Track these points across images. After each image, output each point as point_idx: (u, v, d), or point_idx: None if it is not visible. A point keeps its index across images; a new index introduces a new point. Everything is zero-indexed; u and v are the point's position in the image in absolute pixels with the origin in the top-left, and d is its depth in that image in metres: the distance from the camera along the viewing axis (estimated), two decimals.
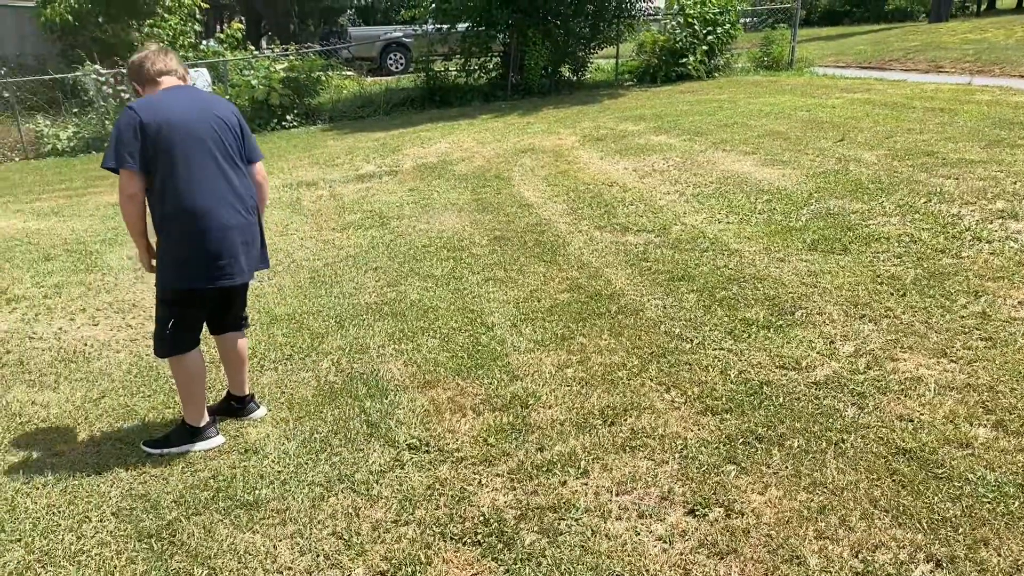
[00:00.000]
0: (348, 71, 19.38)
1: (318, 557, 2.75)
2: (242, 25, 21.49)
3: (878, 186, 6.54)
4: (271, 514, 3.00)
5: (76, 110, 14.84)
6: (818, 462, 3.02)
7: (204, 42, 19.33)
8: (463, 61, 16.16)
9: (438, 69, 16.45)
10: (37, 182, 11.25)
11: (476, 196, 7.84)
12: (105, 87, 14.27)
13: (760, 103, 11.46)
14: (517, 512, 2.89)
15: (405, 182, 8.88)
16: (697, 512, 2.81)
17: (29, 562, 2.83)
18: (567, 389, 3.76)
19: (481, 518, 2.87)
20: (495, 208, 7.29)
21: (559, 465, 3.14)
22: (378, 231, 6.92)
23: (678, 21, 15.72)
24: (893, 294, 4.47)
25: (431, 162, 9.87)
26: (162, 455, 3.46)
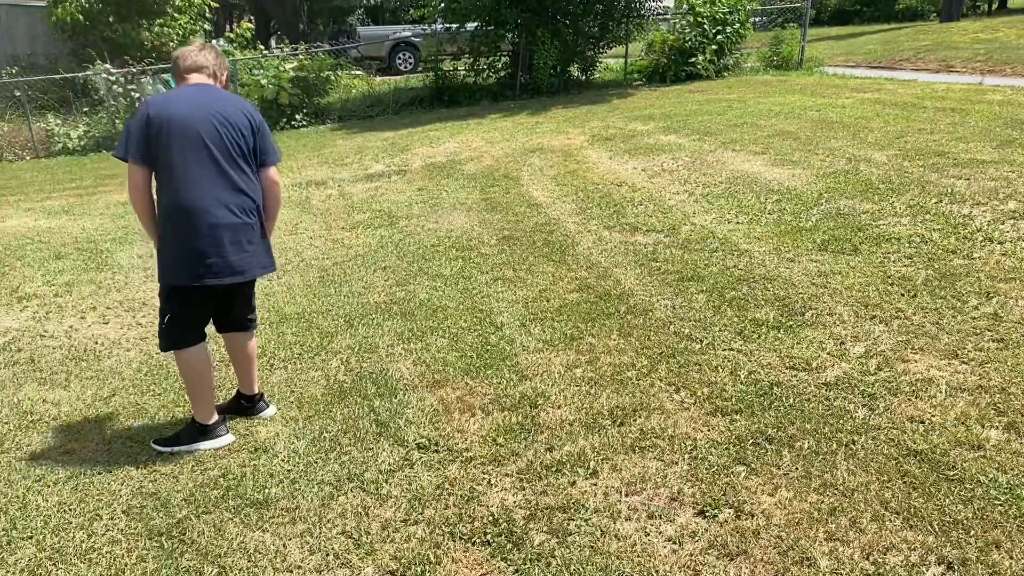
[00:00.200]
0: (357, 70, 19.40)
1: (328, 556, 2.76)
2: (251, 24, 21.56)
3: (889, 186, 6.51)
4: (281, 513, 3.01)
5: (87, 109, 14.90)
6: (828, 463, 3.01)
7: (214, 41, 19.40)
8: (472, 60, 16.15)
9: (447, 68, 16.45)
10: (48, 181, 11.30)
11: (485, 196, 7.84)
12: (115, 86, 14.32)
13: (770, 103, 11.43)
14: (526, 512, 2.88)
15: (414, 181, 8.89)
16: (707, 513, 2.80)
17: (40, 559, 2.85)
18: (576, 389, 3.76)
19: (490, 518, 2.87)
20: (504, 208, 7.29)
21: (568, 465, 3.14)
22: (387, 230, 6.93)
23: (687, 20, 15.68)
24: (904, 295, 4.45)
25: (440, 161, 9.87)
26: (172, 453, 3.47)
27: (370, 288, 5.46)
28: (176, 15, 17.59)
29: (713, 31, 15.30)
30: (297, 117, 14.93)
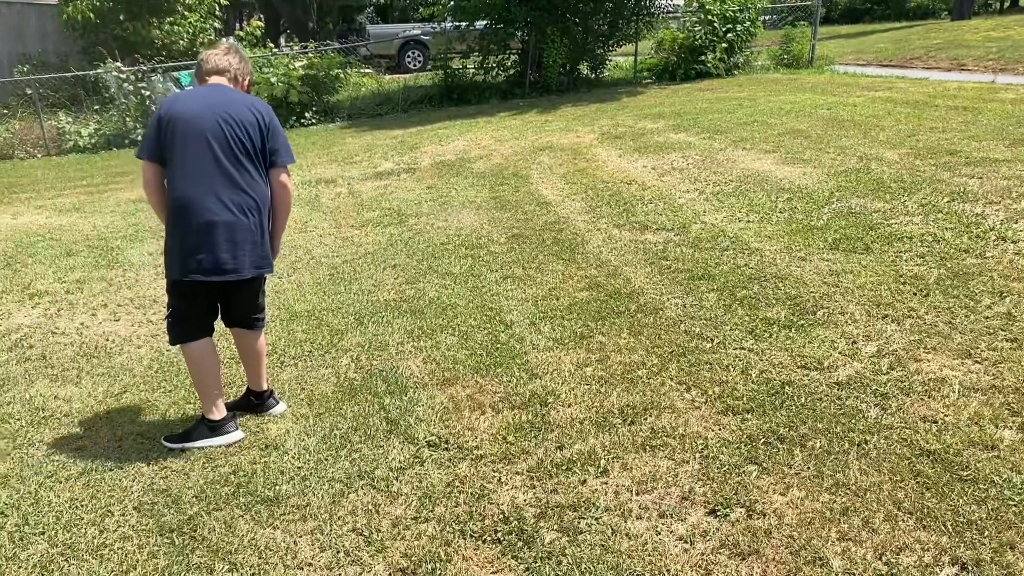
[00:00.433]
0: (366, 69, 19.42)
1: (338, 553, 2.76)
2: (261, 22, 21.59)
3: (900, 185, 6.48)
4: (291, 510, 3.01)
5: (97, 107, 14.96)
6: (841, 463, 2.99)
7: (224, 39, 19.44)
8: (481, 59, 16.15)
9: (456, 67, 16.44)
10: (59, 178, 11.35)
11: (494, 194, 7.83)
12: (126, 84, 14.37)
13: (780, 101, 11.38)
14: (537, 510, 2.88)
15: (423, 180, 8.89)
16: (718, 512, 2.79)
17: (52, 555, 2.86)
18: (586, 388, 3.75)
19: (501, 516, 2.87)
20: (513, 206, 7.29)
21: (579, 464, 3.14)
22: (396, 228, 6.93)
23: (698, 18, 15.63)
24: (916, 294, 4.42)
25: (449, 160, 9.87)
26: (183, 450, 3.48)
27: (380, 286, 5.46)
28: (186, 13, 17.64)
29: (723, 29, 15.25)
30: (307, 115, 14.96)
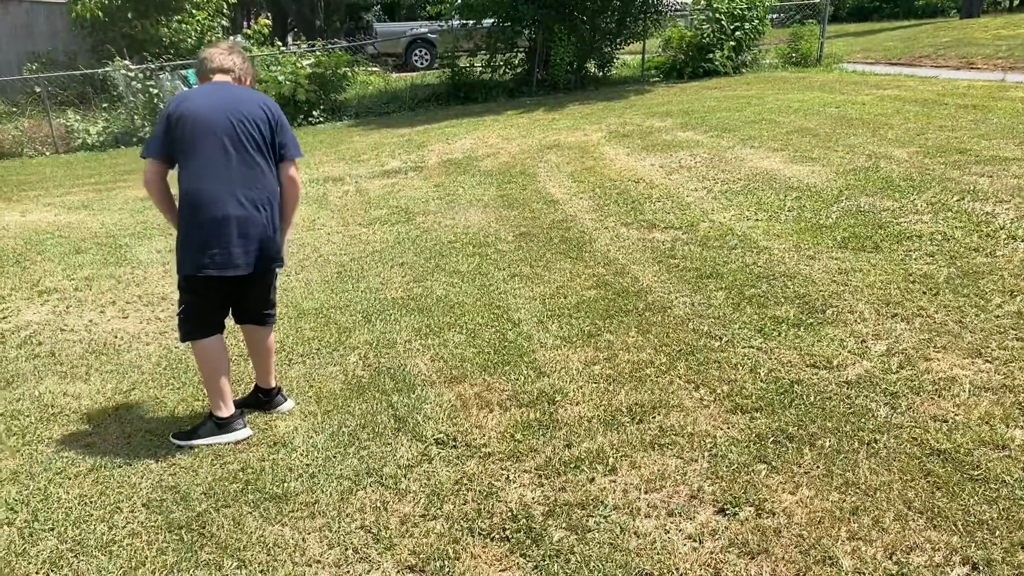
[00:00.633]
0: (374, 67, 19.45)
1: (347, 550, 2.76)
2: (269, 21, 21.61)
3: (910, 183, 6.45)
4: (300, 507, 3.01)
5: (106, 105, 15.02)
6: (850, 462, 2.98)
7: (231, 38, 19.48)
8: (488, 57, 16.14)
9: (463, 65, 16.44)
10: (67, 176, 11.39)
11: (501, 192, 7.83)
12: (134, 82, 14.41)
13: (788, 99, 11.34)
14: (545, 508, 2.88)
15: (430, 178, 8.89)
16: (727, 511, 2.78)
17: (62, 551, 2.87)
18: (594, 386, 3.74)
19: (509, 514, 2.86)
20: (520, 204, 7.28)
21: (587, 462, 3.13)
22: (404, 227, 6.94)
23: (706, 16, 15.58)
24: (926, 293, 4.40)
25: (456, 158, 9.87)
26: (191, 447, 3.48)
27: (387, 284, 5.46)
28: (194, 11, 17.68)
29: (731, 27, 15.21)
30: (314, 113, 14.98)
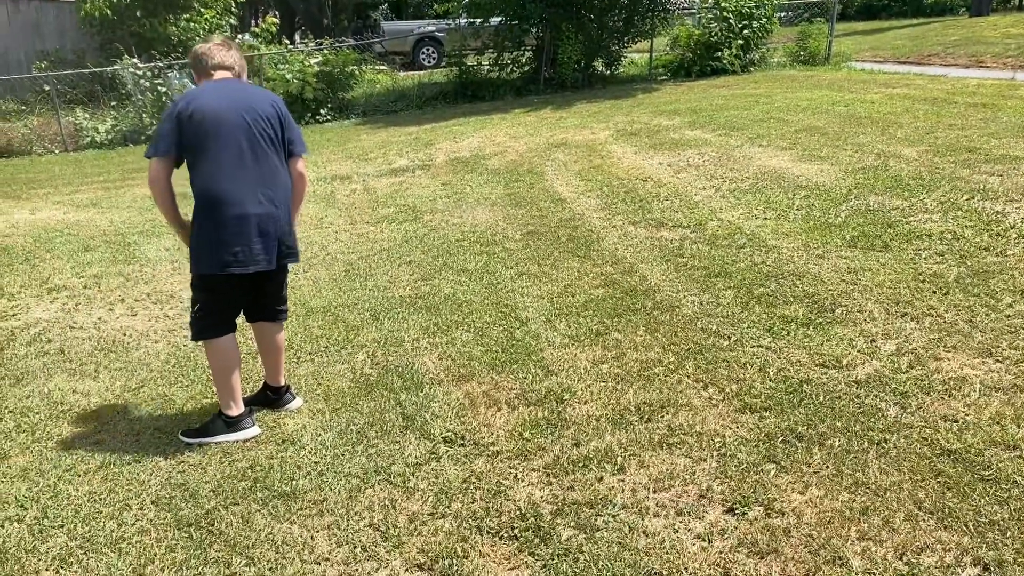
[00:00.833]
0: (381, 65, 19.45)
1: (355, 548, 2.76)
2: (276, 19, 21.64)
3: (919, 182, 6.42)
4: (308, 505, 3.02)
5: (114, 103, 15.06)
6: (860, 462, 2.97)
7: (239, 36, 19.48)
8: (496, 55, 16.14)
9: (471, 63, 16.43)
10: (76, 174, 11.43)
11: (509, 191, 7.82)
12: (143, 81, 14.46)
13: (797, 98, 11.31)
14: (553, 507, 2.87)
15: (438, 176, 8.89)
16: (736, 511, 2.77)
17: (71, 548, 2.88)
18: (602, 385, 3.74)
19: (517, 512, 2.86)
20: (528, 203, 7.28)
21: (595, 461, 3.12)
22: (411, 225, 6.94)
23: (713, 15, 15.54)
24: (936, 292, 4.38)
25: (464, 156, 9.87)
26: (200, 444, 3.49)
27: (395, 282, 5.47)
28: (202, 10, 17.70)
29: (739, 25, 15.16)
30: (322, 112, 15.00)
